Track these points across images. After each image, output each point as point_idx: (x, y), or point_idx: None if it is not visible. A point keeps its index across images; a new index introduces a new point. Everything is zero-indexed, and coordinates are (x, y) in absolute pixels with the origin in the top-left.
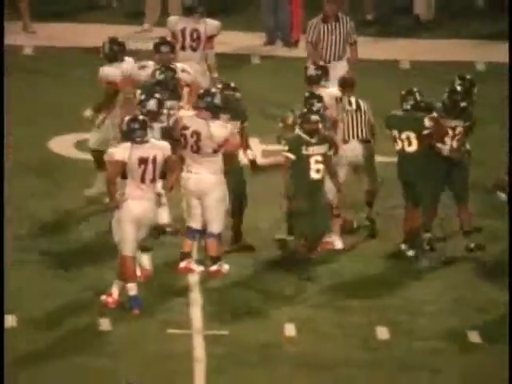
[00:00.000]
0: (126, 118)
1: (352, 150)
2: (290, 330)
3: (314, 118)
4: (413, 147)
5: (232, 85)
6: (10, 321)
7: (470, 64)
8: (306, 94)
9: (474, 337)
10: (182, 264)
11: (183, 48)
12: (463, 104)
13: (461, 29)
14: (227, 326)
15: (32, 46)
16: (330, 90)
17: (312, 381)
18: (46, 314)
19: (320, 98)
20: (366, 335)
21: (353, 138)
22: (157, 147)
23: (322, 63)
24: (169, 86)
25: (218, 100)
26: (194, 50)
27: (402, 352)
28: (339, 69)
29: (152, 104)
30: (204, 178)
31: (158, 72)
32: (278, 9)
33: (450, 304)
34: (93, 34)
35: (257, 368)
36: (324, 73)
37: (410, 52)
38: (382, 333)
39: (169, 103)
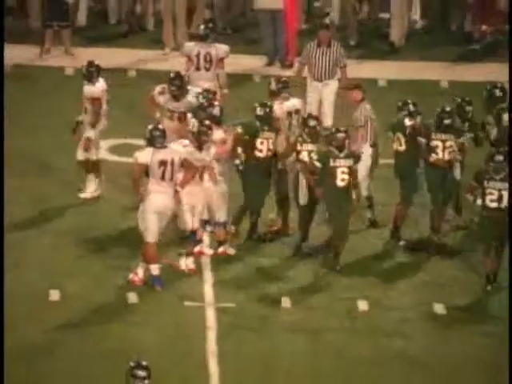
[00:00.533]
0: (149, 127)
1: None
2: (285, 302)
3: (340, 135)
4: (403, 147)
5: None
6: (54, 295)
7: (435, 82)
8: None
9: (438, 308)
10: (196, 248)
11: (198, 69)
12: (447, 121)
13: (427, 53)
14: (234, 299)
15: (72, 67)
16: (287, 103)
17: (303, 344)
18: (84, 289)
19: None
20: (348, 307)
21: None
22: (175, 152)
23: (284, 78)
24: (267, 121)
25: (216, 111)
26: (207, 70)
27: (378, 321)
28: (331, 86)
29: (216, 110)
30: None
31: (258, 108)
32: (276, 35)
33: (419, 281)
34: (125, 57)
35: (258, 334)
36: (284, 86)
37: (386, 72)
38: (362, 305)
39: (266, 134)
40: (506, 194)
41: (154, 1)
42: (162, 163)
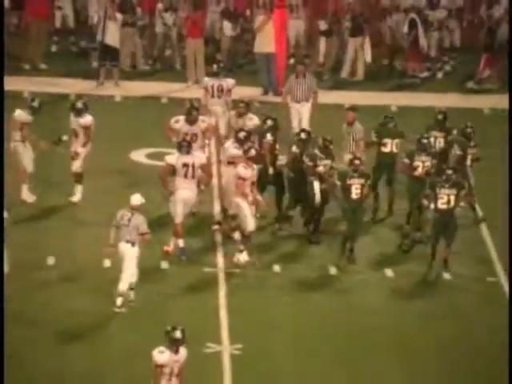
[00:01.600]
0: (179, 140)
1: None
2: (276, 268)
3: (357, 161)
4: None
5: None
6: (106, 264)
7: (386, 107)
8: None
9: (387, 271)
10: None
11: (212, 97)
12: (424, 140)
13: (377, 84)
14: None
15: (120, 95)
16: (250, 121)
17: (291, 298)
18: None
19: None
20: (322, 271)
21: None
22: (196, 157)
23: (246, 100)
24: (321, 146)
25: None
26: (219, 98)
27: (345, 282)
28: (306, 107)
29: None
30: None
31: (294, 147)
32: (270, 71)
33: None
34: (158, 88)
35: (257, 291)
36: (247, 108)
37: (349, 99)
38: (333, 270)
39: (324, 162)
40: (453, 198)
41: (180, 47)
42: (185, 165)
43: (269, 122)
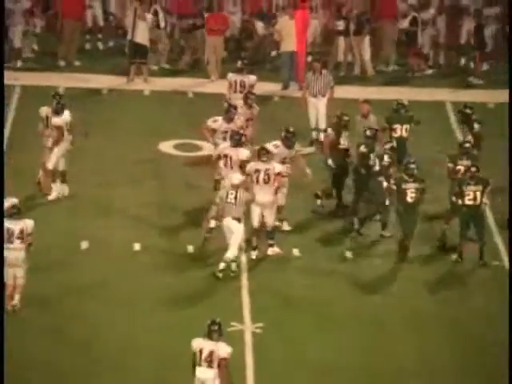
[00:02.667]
0: (230, 132)
1: None
2: (295, 252)
3: (413, 166)
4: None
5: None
6: (136, 247)
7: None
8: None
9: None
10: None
11: (235, 92)
12: (466, 144)
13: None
14: (257, 250)
15: (149, 90)
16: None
17: (310, 281)
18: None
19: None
20: (338, 254)
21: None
22: (233, 150)
23: (232, 103)
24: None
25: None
26: (241, 92)
27: (357, 265)
28: (322, 101)
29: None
30: None
31: (362, 146)
32: (291, 69)
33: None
34: (186, 83)
35: (277, 274)
36: (229, 109)
37: (359, 94)
38: (349, 254)
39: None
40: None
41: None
42: (225, 156)
43: (345, 118)
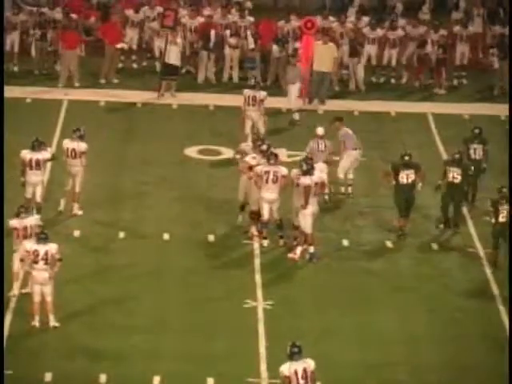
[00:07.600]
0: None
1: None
2: (298, 250)
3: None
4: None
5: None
6: (165, 237)
7: (387, 113)
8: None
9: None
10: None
11: (249, 105)
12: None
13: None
14: (268, 238)
15: (176, 104)
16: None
17: (315, 264)
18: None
19: None
20: (336, 242)
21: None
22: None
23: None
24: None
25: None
26: (253, 106)
27: (352, 250)
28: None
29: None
30: None
31: (405, 155)
32: (323, 86)
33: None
34: (207, 98)
35: (283, 259)
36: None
37: (356, 107)
38: (345, 242)
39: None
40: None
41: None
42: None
43: (476, 131)
